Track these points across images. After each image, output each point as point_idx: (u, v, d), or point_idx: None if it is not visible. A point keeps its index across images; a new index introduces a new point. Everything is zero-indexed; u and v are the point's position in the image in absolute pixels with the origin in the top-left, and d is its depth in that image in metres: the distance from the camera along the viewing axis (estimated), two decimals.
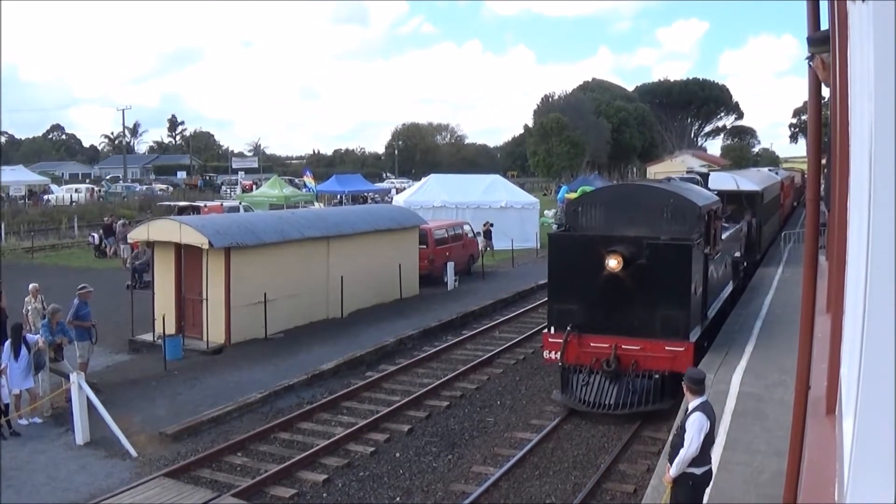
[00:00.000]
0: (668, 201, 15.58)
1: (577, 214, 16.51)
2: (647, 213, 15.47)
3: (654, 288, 14.77)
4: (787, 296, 21.85)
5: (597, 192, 18.43)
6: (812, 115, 5.89)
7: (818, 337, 5.63)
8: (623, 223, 15.54)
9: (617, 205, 15.98)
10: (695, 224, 15.24)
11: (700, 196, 16.84)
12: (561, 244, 16.33)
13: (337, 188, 60.54)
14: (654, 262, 14.68)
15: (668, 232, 15.14)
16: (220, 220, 24.27)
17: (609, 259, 14.56)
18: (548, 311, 16.24)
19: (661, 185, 17.00)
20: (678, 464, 8.62)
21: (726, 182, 28.19)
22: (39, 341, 15.34)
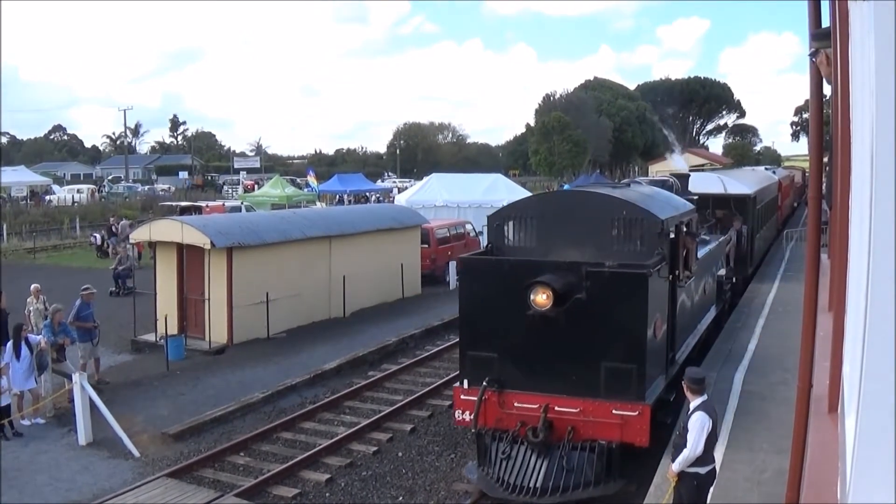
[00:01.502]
0: (619, 214, 12.11)
1: (502, 231, 12.97)
2: (592, 230, 12.20)
3: (598, 331, 11.21)
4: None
5: (529, 202, 13.96)
6: (814, 112, 5.89)
7: (820, 335, 5.62)
8: (561, 243, 12.36)
9: (554, 219, 12.57)
10: (655, 243, 11.85)
11: (666, 206, 13.40)
12: (474, 272, 12.56)
13: (339, 188, 60.56)
14: (597, 297, 11.11)
15: (618, 255, 11.76)
16: (222, 220, 24.30)
17: (534, 293, 11.03)
18: (459, 358, 12.60)
19: (615, 193, 12.99)
20: (680, 462, 8.65)
21: (711, 184, 24.86)
22: (42, 342, 15.36)
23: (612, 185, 15.63)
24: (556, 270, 11.35)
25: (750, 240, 24.78)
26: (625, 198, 12.59)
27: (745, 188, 25.66)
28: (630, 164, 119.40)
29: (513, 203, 14.05)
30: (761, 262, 29.03)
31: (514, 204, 13.85)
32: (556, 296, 10.97)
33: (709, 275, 17.11)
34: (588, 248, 12.05)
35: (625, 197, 12.71)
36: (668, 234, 12.27)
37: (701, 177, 25.84)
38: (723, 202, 24.27)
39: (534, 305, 11.09)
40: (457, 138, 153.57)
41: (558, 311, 11.12)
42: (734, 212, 24.10)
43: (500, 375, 11.69)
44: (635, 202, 12.44)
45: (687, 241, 13.38)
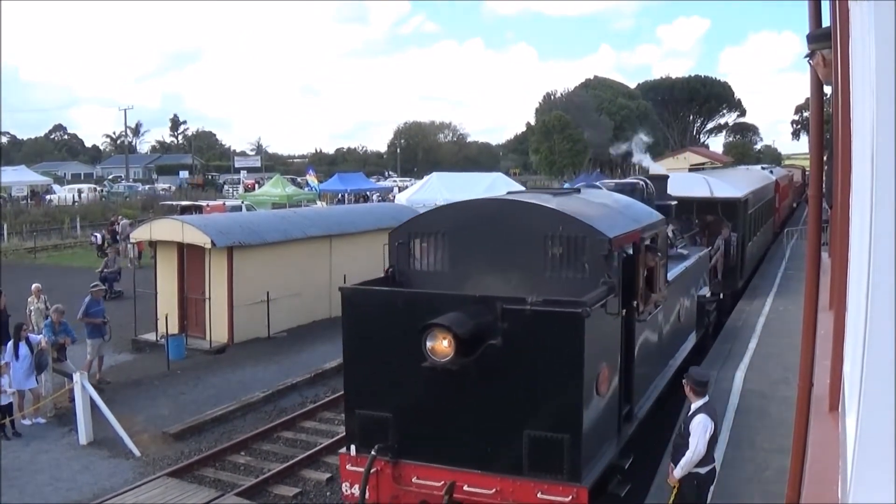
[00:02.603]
0: (554, 230, 9.45)
1: (406, 252, 10.34)
2: (520, 252, 9.59)
3: (520, 389, 8.58)
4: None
5: (441, 214, 10.79)
6: (814, 111, 5.88)
7: (821, 334, 5.62)
8: (480, 269, 9.77)
9: (471, 236, 9.86)
10: (601, 269, 9.13)
11: (620, 219, 10.71)
12: (360, 307, 9.70)
13: (339, 187, 60.63)
14: (517, 344, 8.44)
15: (551, 285, 9.24)
16: (222, 219, 24.34)
17: (431, 339, 8.34)
18: (346, 417, 10.23)
19: (553, 203, 9.99)
20: (683, 466, 8.61)
21: (695, 187, 22.02)
22: (42, 341, 15.38)
23: (555, 190, 11.87)
24: (462, 307, 8.61)
25: (740, 249, 22.11)
26: (563, 209, 9.65)
27: (734, 191, 22.75)
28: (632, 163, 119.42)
29: (421, 215, 11.01)
30: (754, 272, 26.44)
31: (423, 216, 10.85)
32: (460, 343, 8.21)
33: (686, 297, 14.54)
34: (514, 276, 9.55)
35: (564, 208, 9.73)
36: (620, 256, 9.61)
37: (683, 178, 23.30)
38: (709, 207, 21.80)
39: (431, 355, 8.33)
40: (457, 137, 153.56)
41: (464, 362, 8.36)
42: (721, 218, 21.69)
43: (396, 442, 9.11)
44: (576, 215, 9.53)
45: (650, 261, 10.73)
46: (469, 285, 9.61)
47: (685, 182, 21.86)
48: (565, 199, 10.71)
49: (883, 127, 1.83)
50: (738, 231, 21.92)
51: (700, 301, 16.07)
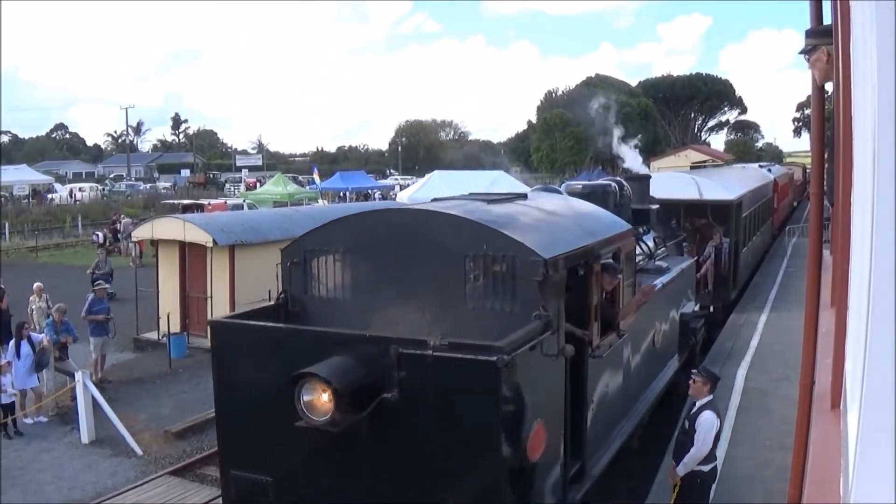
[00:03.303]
0: (476, 248, 7.60)
1: (302, 272, 8.61)
2: (435, 276, 7.83)
3: (423, 455, 6.92)
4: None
5: (342, 227, 8.60)
6: (815, 108, 5.88)
7: (822, 332, 5.63)
8: (386, 296, 8.10)
9: (376, 254, 8.16)
10: (534, 298, 7.30)
11: (569, 232, 8.82)
12: (231, 346, 7.87)
13: (341, 185, 60.68)
14: (418, 399, 6.74)
15: (470, 320, 7.62)
16: (224, 217, 24.35)
17: (305, 392, 6.66)
18: (221, 479, 8.24)
19: (475, 215, 8.07)
20: (688, 463, 8.55)
21: (683, 188, 20.00)
22: (44, 340, 15.40)
23: (493, 196, 9.66)
24: (350, 349, 6.89)
25: (733, 256, 20.20)
26: (489, 221, 7.79)
27: (725, 193, 20.52)
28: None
29: (319, 228, 8.73)
30: (749, 281, 24.27)
31: (321, 230, 8.67)
32: (340, 398, 6.51)
33: (665, 318, 12.69)
34: (429, 307, 7.87)
35: (489, 220, 7.87)
36: (562, 280, 7.72)
37: (669, 178, 21.52)
38: (697, 211, 20.00)
39: (307, 412, 6.68)
40: (458, 136, 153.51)
41: (356, 421, 6.67)
42: (711, 223, 19.85)
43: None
44: (505, 229, 7.65)
45: (609, 283, 9.11)
46: (374, 318, 8.00)
47: (671, 183, 20.11)
48: (500, 207, 8.78)
49: (884, 124, 1.84)
50: (731, 236, 20.06)
51: (684, 319, 14.15)
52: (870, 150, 2.24)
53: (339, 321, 8.12)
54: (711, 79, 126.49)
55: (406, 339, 6.86)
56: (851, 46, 3.33)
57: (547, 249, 7.52)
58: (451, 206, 8.50)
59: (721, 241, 19.45)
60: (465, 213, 8.06)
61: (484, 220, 7.88)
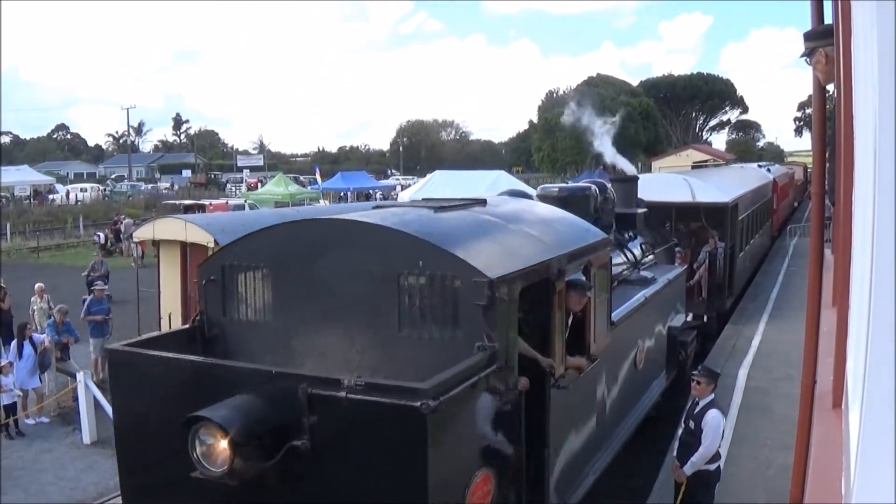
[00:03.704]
0: (411, 266, 6.54)
1: (219, 291, 7.63)
2: (365, 297, 6.77)
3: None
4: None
5: (263, 238, 7.66)
6: (817, 107, 5.88)
7: (824, 331, 5.63)
8: (312, 320, 7.09)
9: (302, 271, 7.08)
10: (477, 325, 6.27)
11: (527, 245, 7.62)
12: (131, 377, 6.82)
13: (342, 185, 60.71)
14: (331, 448, 5.76)
15: (405, 350, 6.63)
16: (225, 218, 24.32)
17: (197, 441, 5.70)
18: None
19: (411, 228, 6.97)
20: (696, 462, 8.51)
21: (674, 190, 18.94)
22: (45, 341, 15.41)
23: (439, 203, 8.31)
24: (255, 387, 5.91)
25: (729, 262, 19.08)
26: (424, 234, 6.68)
27: (720, 195, 19.33)
28: (633, 160, 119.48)
29: (238, 241, 7.87)
30: (746, 287, 23.13)
31: (240, 243, 7.79)
32: (237, 447, 5.55)
33: (649, 335, 11.68)
34: (360, 334, 6.82)
35: (425, 233, 6.74)
36: (511, 304, 6.55)
37: (660, 180, 20.85)
38: (690, 214, 19.02)
39: (203, 461, 5.71)
40: (460, 135, 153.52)
41: (262, 470, 5.75)
42: (706, 226, 18.86)
43: None
44: (444, 243, 6.54)
45: (576, 302, 8.02)
46: (299, 345, 7.07)
47: (662, 184, 19.24)
48: (448, 216, 7.61)
49: (885, 124, 1.84)
50: (727, 240, 18.96)
51: (672, 333, 13.12)
52: (871, 150, 2.24)
53: (259, 348, 7.20)
54: (713, 78, 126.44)
55: (316, 377, 5.79)
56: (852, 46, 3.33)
57: (494, 267, 6.45)
58: (389, 216, 7.39)
59: (716, 245, 18.45)
60: (400, 224, 6.98)
61: (421, 232, 6.73)
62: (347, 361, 6.74)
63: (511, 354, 6.57)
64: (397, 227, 6.85)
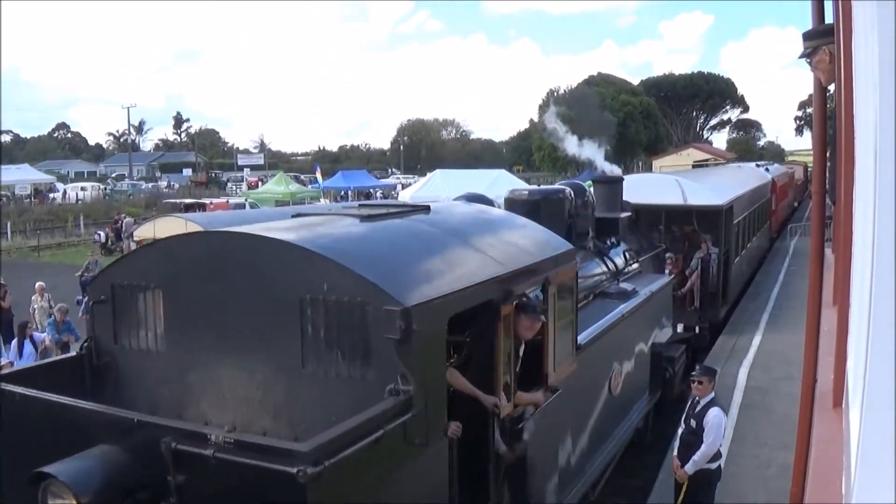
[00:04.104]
0: (315, 290, 5.42)
1: (110, 312, 6.49)
2: (265, 324, 5.73)
3: None
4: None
5: (153, 254, 6.52)
6: (817, 107, 5.88)
7: (824, 330, 5.63)
8: (207, 349, 6.03)
9: (195, 292, 6.07)
10: (390, 364, 5.20)
11: (464, 262, 6.40)
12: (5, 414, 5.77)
13: (342, 184, 60.74)
14: None
15: (309, 389, 5.62)
16: (226, 216, 24.33)
17: (51, 496, 4.69)
18: None
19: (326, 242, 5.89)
20: (698, 461, 8.49)
21: (665, 192, 17.82)
22: (46, 340, 15.40)
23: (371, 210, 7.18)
24: (118, 437, 5.04)
25: (723, 268, 18.07)
26: (332, 251, 5.56)
27: (713, 197, 18.19)
28: (634, 160, 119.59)
29: (128, 256, 7.19)
30: (742, 294, 21.92)
31: (130, 258, 6.91)
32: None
33: (626, 356, 10.51)
34: (260, 367, 5.77)
35: (335, 249, 5.64)
36: (435, 335, 5.50)
37: (650, 181, 19.71)
38: (682, 217, 18.00)
39: None
40: (460, 134, 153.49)
41: None
42: (698, 231, 17.87)
43: None
44: (353, 263, 5.42)
45: (527, 328, 6.88)
46: (195, 379, 6.03)
47: (652, 186, 18.21)
48: (374, 227, 6.44)
49: (885, 123, 1.84)
50: (721, 245, 18.00)
51: (656, 351, 11.94)
52: (871, 149, 2.24)
53: (153, 381, 6.24)
54: (713, 77, 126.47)
55: (183, 429, 4.89)
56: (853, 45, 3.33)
57: (416, 291, 5.35)
58: (300, 227, 6.28)
59: (708, 251, 17.41)
60: (307, 238, 5.85)
61: (328, 248, 5.57)
62: (247, 400, 5.76)
63: (436, 397, 5.45)
64: (301, 242, 5.69)
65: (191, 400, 6.05)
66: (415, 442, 5.21)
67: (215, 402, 5.93)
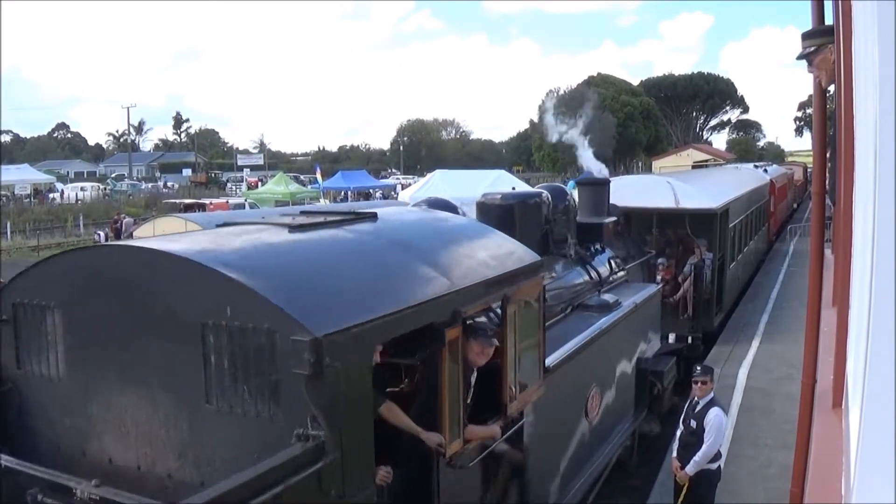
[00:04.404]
0: (217, 315, 4.60)
1: (12, 334, 5.67)
2: (167, 352, 4.91)
3: None
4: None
5: (54, 269, 5.58)
6: (817, 107, 5.89)
7: (824, 331, 5.63)
8: (109, 379, 5.24)
9: (95, 313, 5.23)
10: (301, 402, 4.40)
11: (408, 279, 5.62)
12: None
13: (342, 184, 60.75)
14: None
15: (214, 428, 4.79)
16: (225, 216, 24.34)
17: None
18: None
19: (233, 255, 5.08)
20: (699, 461, 8.47)
21: (657, 195, 16.90)
22: None
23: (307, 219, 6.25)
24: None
25: (717, 274, 17.25)
26: (237, 270, 4.75)
27: (707, 200, 17.19)
28: (634, 160, 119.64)
29: (30, 271, 5.78)
30: (738, 301, 20.99)
31: (32, 273, 5.74)
32: None
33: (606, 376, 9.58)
34: (164, 400, 5.04)
35: (240, 267, 4.82)
36: (360, 370, 4.74)
37: (641, 183, 18.75)
38: (674, 221, 17.15)
39: None
40: (460, 134, 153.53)
41: None
42: (691, 235, 16.97)
43: None
44: (256, 284, 4.64)
45: (476, 354, 6.07)
46: (98, 411, 5.34)
47: (643, 189, 17.37)
48: (304, 239, 5.67)
49: (885, 124, 1.84)
50: (715, 251, 17.13)
51: (642, 367, 10.96)
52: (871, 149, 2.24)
53: (57, 412, 5.57)
54: (713, 77, 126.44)
55: (50, 480, 4.33)
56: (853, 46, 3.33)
57: (329, 317, 4.52)
58: (213, 239, 5.48)
59: (702, 256, 16.51)
60: (215, 253, 5.06)
61: (235, 266, 4.74)
62: (151, 437, 5.07)
63: (358, 440, 4.69)
64: (202, 258, 4.84)
65: (94, 434, 5.34)
66: (331, 494, 4.44)
67: (119, 438, 5.23)
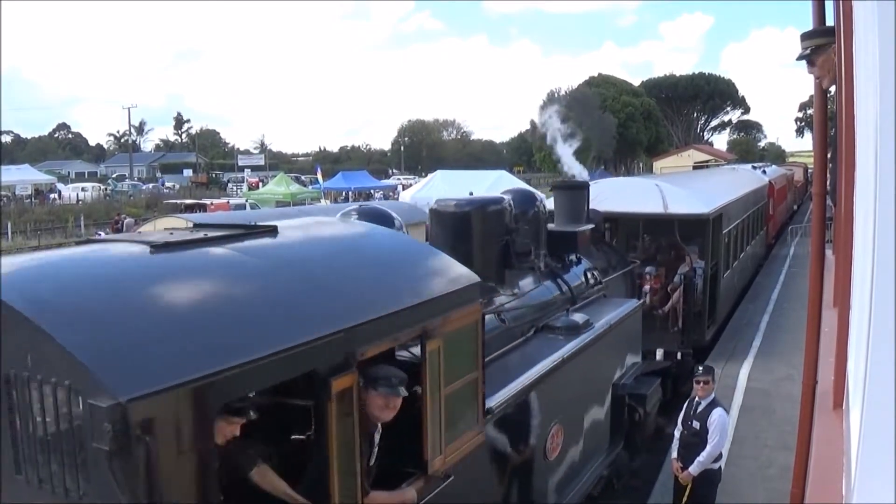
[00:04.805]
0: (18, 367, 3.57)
1: None
2: None
3: None
4: None
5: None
6: (818, 107, 5.88)
7: (825, 331, 5.63)
8: None
9: None
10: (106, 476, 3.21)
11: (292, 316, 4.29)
12: None
13: (343, 185, 60.79)
14: None
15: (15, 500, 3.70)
16: (225, 217, 24.35)
17: None
18: None
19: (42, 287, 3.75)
20: (703, 462, 8.48)
21: (644, 199, 15.46)
22: None
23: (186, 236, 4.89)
24: None
25: (710, 284, 15.86)
26: (42, 307, 3.56)
27: (698, 205, 15.60)
28: (634, 160, 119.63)
29: None
30: (732, 313, 19.35)
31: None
32: None
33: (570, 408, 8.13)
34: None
35: (46, 304, 3.61)
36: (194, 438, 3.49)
37: (628, 186, 17.10)
38: (662, 227, 15.84)
39: None
40: (461, 135, 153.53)
41: None
42: (680, 243, 15.66)
43: None
44: (58, 327, 3.44)
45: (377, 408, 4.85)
46: None
47: (630, 192, 15.95)
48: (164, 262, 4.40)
49: (886, 124, 1.84)
50: (707, 259, 15.64)
51: (618, 395, 9.52)
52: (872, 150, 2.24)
53: None
54: (714, 78, 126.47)
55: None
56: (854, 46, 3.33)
57: (147, 373, 3.41)
58: (41, 264, 4.35)
59: (692, 265, 15.24)
60: (25, 283, 3.87)
61: (39, 302, 3.66)
62: None
63: None
64: (8, 292, 3.66)
65: None
66: None
67: None
